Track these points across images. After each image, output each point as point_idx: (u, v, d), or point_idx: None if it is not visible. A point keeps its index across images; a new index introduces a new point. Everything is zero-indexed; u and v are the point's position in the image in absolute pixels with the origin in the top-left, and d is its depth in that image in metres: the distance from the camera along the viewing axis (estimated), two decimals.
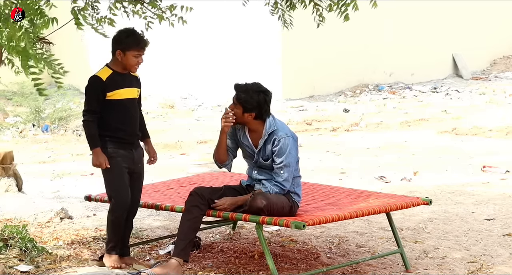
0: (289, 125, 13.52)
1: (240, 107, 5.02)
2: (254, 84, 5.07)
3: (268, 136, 5.03)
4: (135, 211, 5.29)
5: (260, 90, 5.03)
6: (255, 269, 5.22)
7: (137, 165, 5.18)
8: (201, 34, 16.49)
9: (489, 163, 9.26)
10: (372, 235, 6.15)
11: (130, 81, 5.15)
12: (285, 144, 4.97)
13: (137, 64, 5.10)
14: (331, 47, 16.56)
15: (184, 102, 16.77)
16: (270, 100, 5.07)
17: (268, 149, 5.02)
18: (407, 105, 15.43)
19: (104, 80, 5.03)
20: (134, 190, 5.19)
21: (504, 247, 5.75)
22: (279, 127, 5.04)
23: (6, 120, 14.55)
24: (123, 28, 5.09)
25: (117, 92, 5.05)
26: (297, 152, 5.08)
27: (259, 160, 5.09)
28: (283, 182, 5.00)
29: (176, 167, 9.71)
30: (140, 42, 5.04)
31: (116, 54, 5.07)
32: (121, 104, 5.07)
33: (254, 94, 5.00)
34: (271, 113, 5.11)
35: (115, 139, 5.07)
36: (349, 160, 10.14)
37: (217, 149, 5.19)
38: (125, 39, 5.02)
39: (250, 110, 5.01)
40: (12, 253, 5.33)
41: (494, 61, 20.08)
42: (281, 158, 4.97)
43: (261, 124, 5.07)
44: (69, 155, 11.39)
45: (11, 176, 7.44)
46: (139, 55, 5.06)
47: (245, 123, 5.10)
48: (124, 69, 5.10)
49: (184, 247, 4.95)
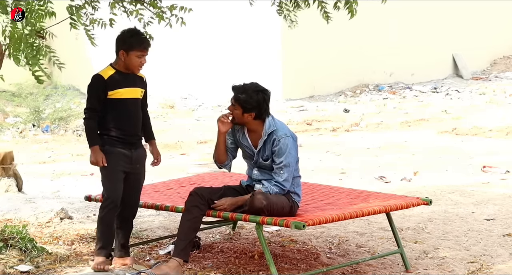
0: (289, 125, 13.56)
1: (239, 107, 5.02)
2: (252, 84, 5.06)
3: (267, 136, 5.03)
4: (134, 212, 5.29)
5: (258, 89, 5.02)
6: (255, 269, 5.22)
7: (135, 166, 5.15)
8: (202, 34, 16.49)
9: (489, 163, 9.26)
10: (372, 235, 6.15)
11: (134, 81, 5.14)
12: (285, 144, 4.97)
13: (140, 65, 5.10)
14: (331, 47, 16.57)
15: (184, 102, 16.77)
16: (269, 99, 5.07)
17: (268, 149, 5.02)
18: (407, 105, 15.44)
19: (106, 79, 5.03)
20: (132, 191, 5.18)
21: (504, 247, 5.75)
22: (279, 127, 5.04)
23: (6, 120, 14.56)
24: (127, 28, 5.09)
25: (118, 91, 5.05)
26: (297, 152, 5.08)
27: (259, 161, 5.09)
28: (283, 182, 4.99)
29: (176, 167, 9.71)
30: (143, 43, 5.04)
31: (119, 54, 5.07)
32: (122, 104, 5.07)
33: (253, 94, 4.99)
34: (271, 113, 5.11)
35: (114, 138, 5.07)
36: (349, 160, 10.14)
37: (215, 150, 5.20)
38: (129, 39, 5.02)
39: (250, 110, 5.00)
40: (12, 253, 5.33)
41: (494, 61, 20.09)
42: (281, 158, 4.97)
43: (261, 124, 5.06)
44: (69, 155, 11.39)
45: (11, 176, 7.45)
46: (142, 56, 5.06)
47: (245, 124, 5.09)
48: (127, 69, 5.10)
49: (184, 247, 4.95)
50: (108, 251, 5.16)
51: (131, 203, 5.21)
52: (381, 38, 17.44)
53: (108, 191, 5.09)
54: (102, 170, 5.11)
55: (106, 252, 5.14)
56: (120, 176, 5.09)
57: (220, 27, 16.41)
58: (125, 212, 5.20)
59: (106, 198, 5.10)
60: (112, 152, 5.06)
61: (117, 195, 5.09)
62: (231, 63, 16.24)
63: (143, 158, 5.26)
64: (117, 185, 5.08)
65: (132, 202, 5.21)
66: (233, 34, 16.31)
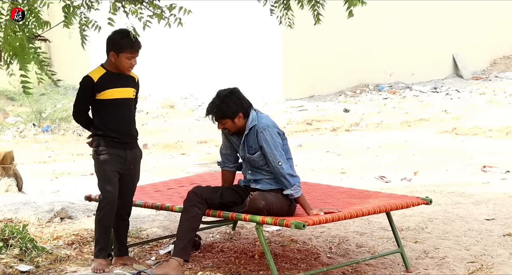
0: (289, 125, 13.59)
1: (225, 120, 5.03)
2: (217, 94, 5.09)
3: (249, 130, 5.04)
4: (128, 211, 5.28)
5: (226, 93, 5.05)
6: (255, 269, 5.22)
7: (129, 167, 5.13)
8: (202, 34, 16.50)
9: (489, 163, 9.26)
10: (372, 235, 6.15)
11: (125, 81, 5.12)
12: (269, 135, 4.97)
13: (131, 66, 5.07)
14: (331, 47, 16.57)
15: (184, 102, 16.77)
16: (242, 94, 5.09)
17: (253, 142, 5.02)
18: (407, 105, 15.44)
19: (95, 81, 5.01)
20: (126, 191, 5.16)
21: (504, 247, 5.75)
22: (260, 120, 5.04)
23: (6, 120, 14.57)
24: (118, 29, 5.05)
25: (109, 91, 5.02)
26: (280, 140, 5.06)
27: (246, 156, 5.08)
28: (288, 171, 4.97)
29: (176, 167, 9.71)
30: (134, 45, 5.00)
31: (109, 55, 5.05)
32: (114, 104, 5.05)
33: (226, 99, 5.01)
34: (256, 109, 5.11)
35: (108, 138, 5.06)
36: (349, 160, 10.14)
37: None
38: (119, 40, 4.99)
39: (235, 113, 5.02)
40: (12, 253, 5.33)
41: (494, 61, 20.09)
42: (270, 150, 4.96)
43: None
44: (69, 155, 11.40)
45: (11, 176, 7.45)
46: (132, 57, 5.03)
47: (241, 127, 5.09)
48: (117, 70, 5.08)
49: (184, 246, 4.95)
50: (107, 252, 5.16)
51: (126, 202, 5.20)
52: (381, 38, 17.44)
53: (103, 192, 5.08)
54: (97, 172, 5.11)
55: (105, 253, 5.14)
56: (114, 177, 5.07)
57: (220, 27, 16.41)
58: (121, 211, 5.20)
59: (102, 199, 5.09)
60: (106, 153, 5.05)
61: (113, 196, 5.07)
62: (231, 63, 16.24)
63: (138, 159, 5.24)
64: (111, 186, 5.06)
65: (126, 202, 5.20)
66: (233, 34, 16.31)
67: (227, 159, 5.29)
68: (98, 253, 5.12)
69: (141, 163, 5.31)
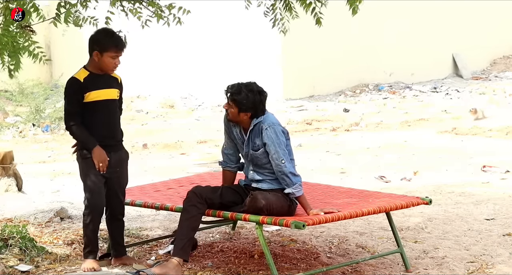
0: (289, 124, 13.58)
1: (235, 107, 5.02)
2: (249, 84, 5.05)
3: (254, 126, 5.03)
4: (121, 211, 5.23)
5: (255, 90, 5.02)
6: (255, 269, 5.22)
7: (114, 169, 5.04)
8: (201, 34, 16.49)
9: (489, 163, 9.25)
10: (372, 235, 6.15)
11: (109, 82, 5.04)
12: (273, 132, 4.96)
13: (115, 66, 5.00)
14: (331, 47, 16.57)
15: (184, 102, 16.76)
16: (265, 100, 5.06)
17: (257, 138, 5.00)
18: (407, 105, 15.43)
19: (82, 82, 4.94)
20: (114, 193, 5.10)
21: (504, 247, 5.75)
22: (265, 118, 5.03)
23: (6, 120, 14.56)
24: (101, 28, 5.01)
25: (94, 93, 4.95)
26: (284, 139, 5.06)
27: (250, 152, 5.07)
28: (291, 169, 4.97)
29: (176, 167, 9.70)
30: (118, 44, 4.94)
31: (93, 55, 4.98)
32: (99, 106, 4.97)
33: (250, 94, 4.99)
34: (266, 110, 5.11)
35: None
36: (349, 160, 10.14)
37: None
38: (103, 39, 4.92)
39: (245, 110, 5.01)
40: (12, 253, 5.32)
41: (494, 61, 20.07)
42: (274, 147, 4.95)
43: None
44: (69, 155, 11.35)
45: (11, 176, 7.45)
46: (116, 57, 4.96)
47: (239, 122, 5.09)
48: (101, 70, 5.00)
49: (184, 246, 4.95)
50: (96, 253, 5.14)
51: (116, 204, 5.16)
52: (381, 38, 17.44)
53: (88, 199, 5.01)
54: (82, 176, 5.03)
55: (94, 254, 5.11)
56: (100, 182, 5.00)
57: (220, 27, 16.40)
58: (113, 212, 5.18)
59: (87, 205, 5.02)
60: (90, 156, 4.96)
61: (100, 202, 5.01)
62: (231, 62, 16.23)
63: (124, 161, 5.17)
64: (97, 190, 4.99)
65: (116, 203, 5.16)
66: (233, 34, 16.30)
67: (229, 159, 5.28)
68: (88, 254, 5.11)
69: (141, 163, 5.31)
